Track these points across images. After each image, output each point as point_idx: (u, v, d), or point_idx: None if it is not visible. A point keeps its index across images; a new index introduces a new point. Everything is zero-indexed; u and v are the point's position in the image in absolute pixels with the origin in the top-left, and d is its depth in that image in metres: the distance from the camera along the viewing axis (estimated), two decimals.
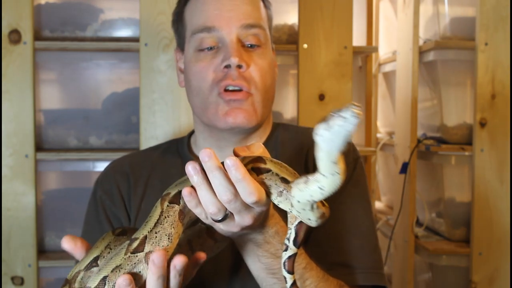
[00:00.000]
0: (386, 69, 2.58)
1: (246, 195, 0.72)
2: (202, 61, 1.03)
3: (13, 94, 1.79)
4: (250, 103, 1.02)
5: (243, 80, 1.01)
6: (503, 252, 2.03)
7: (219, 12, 1.02)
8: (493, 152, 2.03)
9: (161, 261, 0.73)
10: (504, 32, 2.01)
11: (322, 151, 0.68)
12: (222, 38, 1.02)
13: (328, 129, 0.65)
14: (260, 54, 1.04)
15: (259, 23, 1.04)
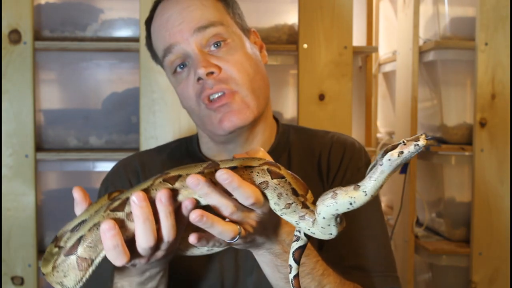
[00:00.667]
0: (386, 69, 2.58)
1: (244, 199, 0.72)
2: (181, 83, 1.05)
3: (13, 94, 1.79)
4: (239, 100, 1.01)
5: (220, 83, 1.00)
6: (503, 252, 2.03)
7: (170, 29, 1.03)
8: (493, 152, 2.03)
9: (142, 199, 0.71)
10: (504, 32, 2.01)
11: (382, 172, 0.70)
12: (185, 52, 1.02)
13: (401, 156, 0.68)
14: (229, 49, 1.03)
15: (211, 21, 1.02)
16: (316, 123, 1.92)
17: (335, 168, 1.09)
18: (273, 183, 0.73)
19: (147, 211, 0.71)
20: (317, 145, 1.12)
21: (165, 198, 0.71)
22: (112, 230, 0.70)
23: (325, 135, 1.15)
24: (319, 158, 1.10)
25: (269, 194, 0.73)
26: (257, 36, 1.14)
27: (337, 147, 1.11)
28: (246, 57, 1.04)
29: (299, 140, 1.14)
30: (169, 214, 0.72)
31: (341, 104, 1.93)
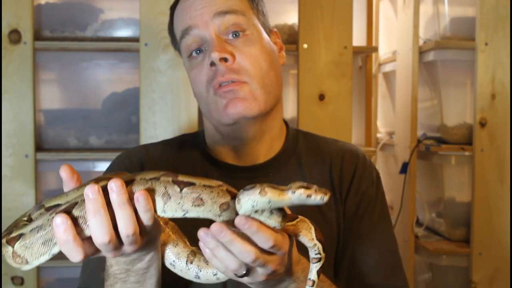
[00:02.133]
0: (386, 69, 2.58)
1: (264, 242, 0.72)
2: (195, 67, 1.03)
3: (13, 94, 1.79)
4: (247, 90, 1.00)
5: (232, 73, 0.99)
6: (503, 252, 2.03)
7: (192, 12, 1.02)
8: (493, 152, 2.03)
9: (95, 192, 0.69)
10: (504, 32, 2.01)
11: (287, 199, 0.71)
12: (202, 36, 1.01)
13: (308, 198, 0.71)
14: (246, 40, 1.02)
15: (233, 9, 1.02)
16: (316, 123, 1.92)
17: (348, 179, 1.08)
18: (233, 203, 0.73)
19: (98, 204, 0.68)
20: (328, 153, 1.12)
21: (116, 186, 0.69)
22: (64, 225, 0.68)
23: (335, 143, 1.15)
24: (330, 166, 1.10)
25: (229, 214, 0.74)
26: (278, 37, 1.14)
27: (350, 158, 1.11)
28: (262, 51, 1.03)
29: (309, 145, 1.14)
30: (123, 204, 0.69)
31: (341, 104, 1.93)
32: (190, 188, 0.72)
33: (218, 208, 0.73)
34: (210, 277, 0.83)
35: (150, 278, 0.84)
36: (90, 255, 0.72)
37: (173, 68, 1.80)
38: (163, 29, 1.79)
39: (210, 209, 0.73)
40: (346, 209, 1.06)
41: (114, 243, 0.70)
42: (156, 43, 1.80)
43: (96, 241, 0.69)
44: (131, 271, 0.82)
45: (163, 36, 1.79)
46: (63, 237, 0.68)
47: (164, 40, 1.79)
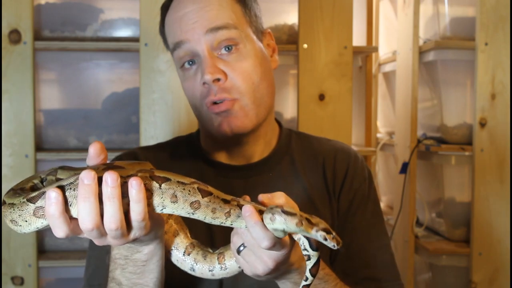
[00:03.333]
0: (386, 69, 2.58)
1: (260, 240, 0.74)
2: (188, 80, 1.05)
3: (13, 94, 1.79)
4: (238, 108, 1.02)
5: (223, 92, 1.01)
6: (503, 252, 2.03)
7: (184, 25, 1.03)
8: (493, 152, 2.03)
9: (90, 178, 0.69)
10: (504, 32, 2.01)
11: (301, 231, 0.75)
12: (194, 50, 1.02)
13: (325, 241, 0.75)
14: (239, 55, 1.03)
15: (226, 23, 1.02)
16: (316, 123, 1.92)
17: (341, 176, 1.11)
18: (204, 201, 0.74)
19: (90, 192, 0.68)
20: (320, 151, 1.14)
21: (112, 180, 0.69)
22: (55, 200, 0.68)
23: (327, 142, 1.17)
24: (323, 164, 1.12)
25: (203, 212, 0.75)
26: (272, 38, 1.14)
27: (342, 156, 1.13)
28: (254, 64, 1.04)
29: (301, 144, 1.16)
30: (112, 199, 0.69)
31: (341, 104, 1.93)
32: (167, 184, 0.73)
33: (189, 207, 0.74)
34: (205, 272, 0.85)
35: (150, 273, 0.84)
36: (75, 234, 0.72)
37: (173, 68, 1.80)
38: None
39: (183, 207, 0.74)
40: (340, 206, 1.09)
41: (98, 231, 0.70)
42: (156, 43, 1.79)
43: (81, 225, 0.70)
44: (130, 260, 0.83)
45: None
46: (51, 212, 0.68)
47: None
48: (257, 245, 0.75)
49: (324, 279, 0.89)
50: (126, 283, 0.84)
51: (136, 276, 0.84)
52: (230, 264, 0.84)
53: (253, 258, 0.77)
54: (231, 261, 0.84)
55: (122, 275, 0.84)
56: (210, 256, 0.86)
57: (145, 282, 0.84)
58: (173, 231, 0.87)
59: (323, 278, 0.88)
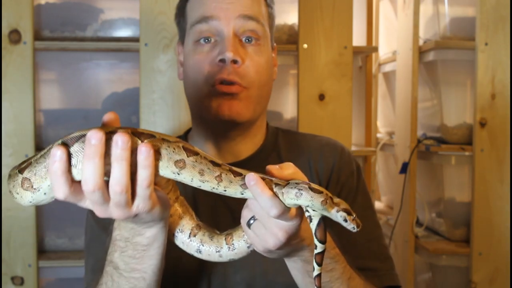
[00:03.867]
0: (386, 69, 2.58)
1: (268, 209, 0.71)
2: (199, 54, 1.04)
3: (13, 94, 1.79)
4: (244, 96, 1.03)
5: (236, 75, 1.02)
6: (503, 252, 2.03)
7: (218, 3, 1.03)
8: (493, 152, 2.03)
9: (98, 138, 0.65)
10: (504, 32, 2.01)
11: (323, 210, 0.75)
12: (219, 29, 1.03)
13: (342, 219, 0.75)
14: (257, 50, 1.05)
15: (257, 17, 1.04)
16: (316, 123, 1.92)
17: (328, 170, 1.11)
18: (189, 160, 0.71)
19: (97, 152, 0.65)
20: (306, 147, 1.15)
21: (123, 142, 0.66)
22: (58, 158, 0.65)
23: (313, 138, 1.18)
24: (309, 160, 1.12)
25: (189, 172, 0.71)
26: (275, 53, 1.17)
27: (329, 151, 1.13)
28: (266, 63, 1.07)
29: (288, 141, 1.17)
30: (121, 160, 0.66)
31: (341, 104, 1.93)
32: (151, 141, 0.69)
33: (174, 165, 0.71)
34: (213, 253, 0.82)
35: (149, 259, 0.81)
36: (75, 199, 0.70)
37: (173, 68, 1.80)
38: (163, 29, 1.79)
39: (167, 165, 0.71)
40: None
41: (101, 194, 0.68)
42: (156, 43, 1.79)
43: (83, 187, 0.67)
44: (130, 243, 0.80)
45: (163, 36, 1.79)
46: (53, 169, 0.66)
47: (164, 40, 1.79)
48: (267, 215, 0.73)
49: (335, 259, 0.88)
50: (124, 267, 0.82)
51: (135, 261, 0.81)
52: (238, 244, 0.81)
53: (264, 231, 0.75)
54: (240, 242, 0.81)
55: (121, 258, 0.82)
56: (217, 237, 0.83)
57: (143, 268, 0.82)
58: (178, 214, 0.84)
59: (334, 257, 0.88)
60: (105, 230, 1.02)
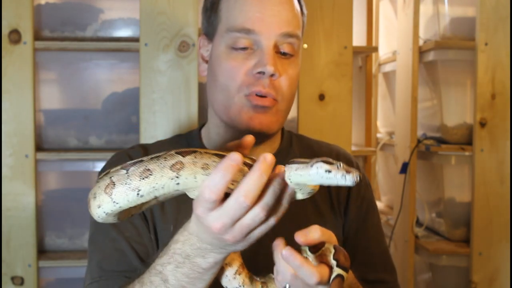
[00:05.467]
0: (386, 69, 2.58)
1: (308, 278, 0.75)
2: (234, 60, 1.01)
3: (13, 94, 1.79)
4: (275, 111, 1.01)
5: (272, 88, 1.00)
6: (503, 252, 2.03)
7: (260, 15, 1.00)
8: (493, 152, 2.03)
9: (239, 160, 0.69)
10: (504, 32, 2.01)
11: (306, 175, 0.73)
12: (259, 41, 1.00)
13: (326, 174, 0.71)
14: (292, 63, 1.04)
15: (296, 33, 1.04)
16: (316, 123, 1.92)
17: None
18: (187, 159, 0.71)
19: (233, 169, 0.69)
20: (322, 154, 1.14)
21: (269, 159, 0.71)
22: (235, 161, 0.68)
23: (328, 145, 1.19)
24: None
25: (190, 171, 0.71)
26: None
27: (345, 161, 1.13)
28: (296, 78, 1.06)
29: (302, 146, 1.17)
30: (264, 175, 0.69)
31: (341, 104, 1.93)
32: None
33: (170, 170, 0.70)
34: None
35: (200, 282, 0.81)
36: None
37: (173, 68, 1.80)
38: (163, 29, 1.79)
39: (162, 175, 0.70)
40: (349, 212, 1.11)
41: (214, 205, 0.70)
42: (156, 43, 1.79)
43: (204, 192, 0.69)
44: (189, 262, 0.79)
45: (163, 36, 1.79)
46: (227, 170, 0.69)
47: (164, 40, 1.79)
48: (303, 284, 0.76)
49: None
50: (173, 283, 0.80)
51: (187, 280, 0.80)
52: None
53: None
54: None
55: (173, 273, 0.80)
56: (255, 283, 0.85)
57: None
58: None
59: None
60: (112, 224, 1.01)
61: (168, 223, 1.03)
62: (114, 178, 0.72)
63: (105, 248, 1.01)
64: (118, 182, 0.72)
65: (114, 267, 0.99)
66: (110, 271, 0.99)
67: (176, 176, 0.71)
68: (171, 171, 0.71)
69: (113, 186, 0.72)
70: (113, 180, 0.72)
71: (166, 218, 1.03)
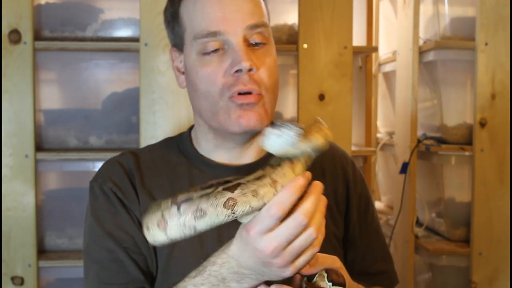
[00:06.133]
0: (386, 69, 2.58)
1: None
2: (209, 65, 0.99)
3: (13, 94, 1.79)
4: (261, 105, 1.00)
5: (254, 83, 0.98)
6: (503, 252, 2.03)
7: (222, 14, 0.98)
8: (493, 152, 2.03)
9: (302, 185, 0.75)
10: (504, 32, 2.01)
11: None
12: (228, 40, 0.98)
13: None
14: (266, 51, 1.01)
15: (263, 21, 1.01)
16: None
17: (343, 180, 1.12)
18: (236, 193, 0.74)
19: (298, 192, 0.74)
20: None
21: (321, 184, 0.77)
22: (303, 183, 0.75)
23: None
24: (322, 167, 1.11)
25: (243, 203, 0.74)
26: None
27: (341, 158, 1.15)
28: (275, 64, 1.04)
29: None
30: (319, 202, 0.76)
31: (341, 104, 1.93)
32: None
33: (224, 208, 0.73)
34: None
35: None
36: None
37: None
38: (163, 29, 1.76)
39: (217, 214, 0.73)
40: (351, 213, 1.11)
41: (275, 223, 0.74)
42: (156, 43, 1.79)
43: (272, 208, 0.74)
44: (223, 285, 0.81)
45: (163, 36, 1.78)
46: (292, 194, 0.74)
47: (164, 40, 1.78)
48: None
49: None
50: None
51: None
52: None
53: None
54: None
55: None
56: None
57: None
58: None
59: None
60: (108, 234, 1.00)
61: None
62: (166, 215, 0.74)
63: (102, 259, 0.99)
64: (170, 219, 0.74)
65: (114, 279, 0.97)
66: (109, 284, 0.97)
67: (232, 212, 0.73)
68: (225, 209, 0.73)
69: (166, 223, 0.74)
70: (165, 217, 0.74)
71: None
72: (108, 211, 1.02)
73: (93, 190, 1.06)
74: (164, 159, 1.09)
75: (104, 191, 1.04)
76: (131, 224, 1.01)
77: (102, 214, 1.02)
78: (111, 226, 1.01)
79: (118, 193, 1.03)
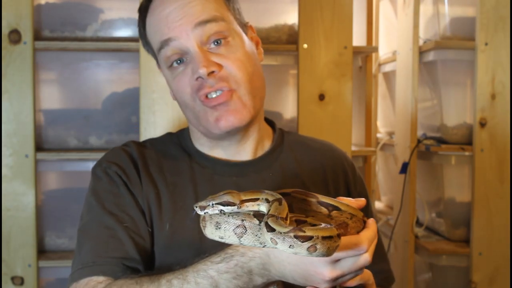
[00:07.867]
0: (386, 69, 2.57)
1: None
2: (178, 77, 1.02)
3: (13, 94, 1.79)
4: (236, 99, 1.00)
5: (220, 81, 0.99)
6: (503, 252, 2.03)
7: (171, 23, 1.00)
8: (493, 152, 2.03)
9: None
10: (504, 32, 2.01)
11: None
12: (183, 48, 1.00)
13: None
14: (229, 47, 1.01)
15: (213, 16, 1.00)
16: (316, 123, 1.92)
17: (342, 178, 1.13)
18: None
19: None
20: (316, 149, 1.16)
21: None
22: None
23: (321, 142, 1.20)
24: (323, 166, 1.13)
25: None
26: (253, 31, 1.13)
27: (340, 158, 1.16)
28: (246, 56, 1.03)
29: (294, 143, 1.17)
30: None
31: (341, 104, 1.93)
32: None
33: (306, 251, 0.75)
34: None
35: None
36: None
37: None
38: None
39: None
40: None
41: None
42: None
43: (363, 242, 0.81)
44: (247, 276, 0.83)
45: None
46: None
47: None
48: None
49: None
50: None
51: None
52: None
53: None
54: None
55: (227, 282, 0.83)
56: None
57: None
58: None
59: None
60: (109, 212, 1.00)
61: (164, 221, 1.02)
62: (247, 224, 0.80)
63: (100, 235, 0.99)
64: (251, 230, 0.80)
65: (110, 253, 0.96)
66: (105, 257, 0.96)
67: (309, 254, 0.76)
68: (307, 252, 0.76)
69: (244, 230, 0.81)
70: (245, 226, 0.80)
71: (163, 216, 1.02)
72: (111, 192, 1.03)
73: (96, 174, 1.08)
74: (166, 152, 1.11)
75: (108, 174, 1.05)
76: (133, 206, 1.02)
77: (103, 195, 1.04)
78: (112, 206, 1.01)
79: (122, 176, 1.04)
